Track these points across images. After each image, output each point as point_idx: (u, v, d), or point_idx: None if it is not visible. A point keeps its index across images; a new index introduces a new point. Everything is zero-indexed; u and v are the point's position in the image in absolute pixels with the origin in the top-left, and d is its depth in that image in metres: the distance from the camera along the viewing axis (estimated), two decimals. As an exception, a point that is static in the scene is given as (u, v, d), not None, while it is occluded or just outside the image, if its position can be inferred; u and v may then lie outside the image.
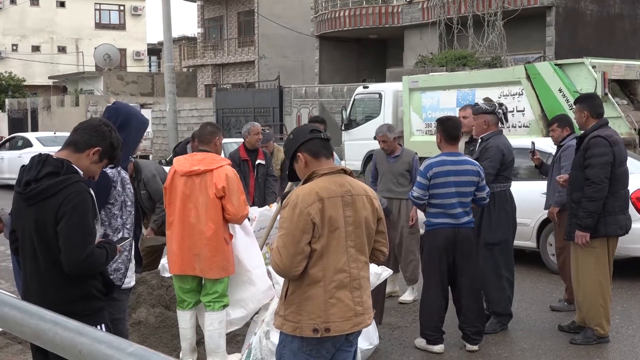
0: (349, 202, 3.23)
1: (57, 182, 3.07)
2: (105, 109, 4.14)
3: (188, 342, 5.21)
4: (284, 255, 3.14)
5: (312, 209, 3.14)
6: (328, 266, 3.19)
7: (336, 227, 3.19)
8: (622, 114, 11.47)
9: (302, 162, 3.32)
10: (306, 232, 3.14)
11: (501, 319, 6.06)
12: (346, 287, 3.21)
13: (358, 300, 3.24)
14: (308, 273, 3.18)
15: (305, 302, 3.18)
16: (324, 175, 3.26)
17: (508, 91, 13.01)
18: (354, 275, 3.24)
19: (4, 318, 2.28)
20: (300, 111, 22.38)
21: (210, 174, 4.92)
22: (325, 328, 3.16)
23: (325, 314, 3.17)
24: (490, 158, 5.90)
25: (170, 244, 5.09)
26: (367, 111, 16.62)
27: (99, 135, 3.26)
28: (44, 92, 41.80)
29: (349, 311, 3.20)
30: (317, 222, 3.14)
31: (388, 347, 5.65)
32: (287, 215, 3.17)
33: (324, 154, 3.33)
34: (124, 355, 1.86)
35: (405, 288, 7.16)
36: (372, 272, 5.20)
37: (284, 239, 3.16)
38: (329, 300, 3.17)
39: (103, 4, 49.39)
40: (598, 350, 5.58)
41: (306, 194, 3.18)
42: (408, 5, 26.49)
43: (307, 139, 3.33)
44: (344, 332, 3.21)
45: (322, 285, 3.18)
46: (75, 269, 3.08)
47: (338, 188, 3.24)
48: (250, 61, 36.03)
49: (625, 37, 23.47)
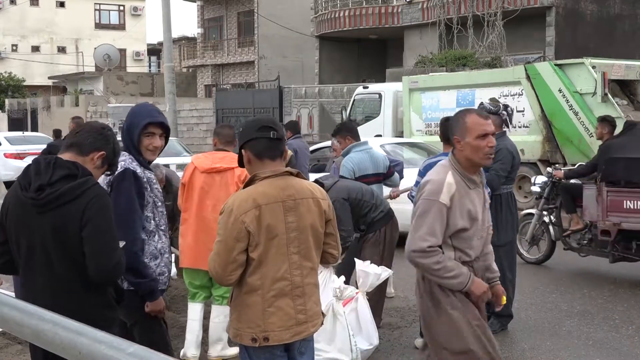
0: (291, 207, 3.09)
1: (76, 185, 2.90)
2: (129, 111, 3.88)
3: (195, 334, 5.25)
4: (218, 263, 3.03)
5: (247, 216, 2.99)
6: (267, 274, 3.06)
7: (275, 235, 3.05)
8: (622, 114, 11.46)
9: (246, 159, 3.18)
10: (240, 241, 3.00)
11: (501, 319, 6.06)
12: (287, 295, 3.09)
13: (300, 309, 3.12)
14: (246, 281, 3.07)
15: (244, 310, 3.09)
16: (266, 178, 3.09)
17: (508, 91, 13.02)
18: (297, 283, 3.12)
19: (4, 318, 2.28)
20: (300, 111, 22.37)
21: (232, 171, 5.02)
22: (263, 337, 3.05)
23: (264, 322, 3.06)
24: (501, 160, 5.87)
25: (186, 238, 5.16)
26: (367, 111, 16.61)
27: (104, 139, 3.13)
28: (43, 92, 41.79)
29: (290, 320, 3.09)
30: (252, 230, 3.00)
31: (388, 347, 5.65)
32: (222, 222, 3.03)
33: (269, 156, 3.14)
34: (124, 356, 1.86)
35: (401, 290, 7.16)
36: (372, 272, 5.21)
37: (218, 246, 3.04)
38: (268, 309, 3.06)
39: (103, 4, 49.38)
40: (598, 350, 5.57)
41: (243, 199, 3.03)
42: (408, 6, 26.48)
43: (252, 137, 3.15)
44: (284, 342, 3.09)
45: (260, 294, 3.06)
46: (105, 276, 2.96)
47: (279, 192, 3.08)
48: (250, 61, 36.03)
49: (625, 37, 23.46)
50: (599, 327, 6.17)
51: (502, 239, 5.97)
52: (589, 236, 7.88)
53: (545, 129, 12.50)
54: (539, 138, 12.59)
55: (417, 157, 10.83)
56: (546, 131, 12.49)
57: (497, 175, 5.81)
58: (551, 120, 12.39)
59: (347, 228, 5.52)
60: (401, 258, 8.05)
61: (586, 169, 8.14)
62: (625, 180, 7.33)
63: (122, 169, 3.52)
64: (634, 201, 7.22)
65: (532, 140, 12.64)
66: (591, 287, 7.54)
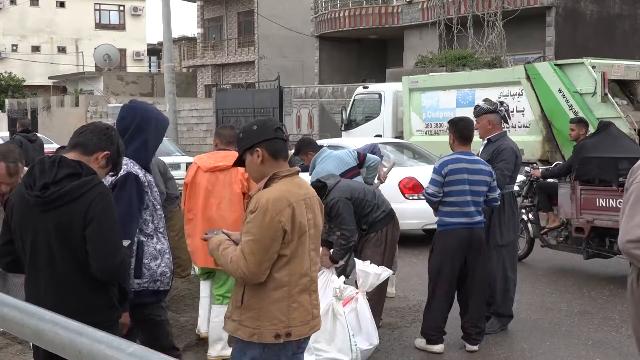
0: (309, 204, 3.16)
1: (81, 184, 2.90)
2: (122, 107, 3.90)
3: (206, 310, 5.52)
4: (251, 261, 3.01)
5: (284, 215, 3.02)
6: (294, 270, 3.09)
7: (304, 232, 3.10)
8: (622, 114, 11.48)
9: (259, 158, 3.16)
10: (276, 240, 3.02)
11: (502, 319, 6.05)
12: (306, 291, 3.15)
13: (315, 303, 3.21)
14: (273, 277, 3.07)
15: (268, 307, 3.07)
16: (285, 177, 3.14)
17: (508, 91, 13.02)
18: (314, 278, 3.20)
19: (4, 318, 2.28)
20: (300, 111, 22.37)
21: (235, 170, 5.02)
22: (286, 333, 3.07)
23: (288, 318, 3.08)
24: (506, 160, 5.88)
25: (194, 238, 5.21)
26: (367, 111, 16.61)
27: (108, 139, 3.12)
28: (43, 92, 41.76)
29: (308, 315, 3.15)
30: (288, 229, 3.03)
31: (388, 347, 5.65)
32: (257, 222, 3.02)
33: (283, 156, 3.21)
34: (124, 356, 1.86)
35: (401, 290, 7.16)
36: (372, 272, 5.21)
37: (251, 246, 3.01)
38: (292, 305, 3.09)
39: (103, 4, 49.37)
40: (598, 350, 5.58)
41: (276, 199, 3.04)
42: (408, 6, 26.48)
43: (272, 137, 3.17)
44: (303, 336, 3.15)
45: (287, 290, 3.08)
46: (110, 275, 2.95)
47: (300, 191, 3.15)
48: (250, 61, 36.03)
49: (625, 37, 23.46)
50: (599, 327, 6.17)
51: (505, 239, 5.97)
52: (565, 233, 8.07)
53: (545, 129, 12.50)
54: (539, 138, 12.59)
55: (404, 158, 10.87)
56: (546, 131, 12.49)
57: (503, 174, 5.82)
58: (551, 120, 12.39)
59: (350, 227, 5.54)
60: (401, 258, 8.07)
61: (562, 169, 8.35)
62: (598, 179, 7.53)
63: (125, 173, 3.53)
64: (606, 199, 7.41)
65: (532, 140, 12.64)
66: (591, 287, 7.55)
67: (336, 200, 5.52)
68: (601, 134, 8.13)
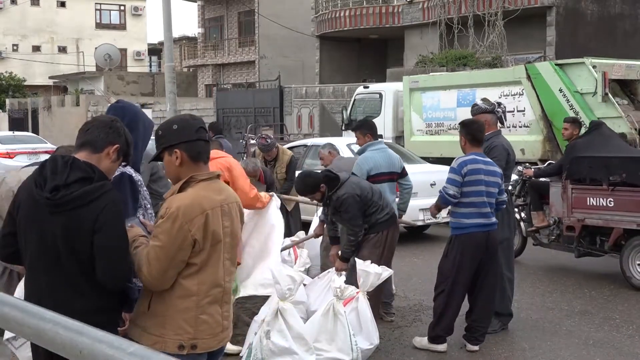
0: (226, 211, 2.96)
1: (92, 189, 2.85)
2: (109, 107, 3.86)
3: None
4: (155, 268, 2.83)
5: (194, 224, 2.83)
6: (205, 280, 2.91)
7: (218, 241, 2.92)
8: (623, 114, 11.48)
9: (177, 160, 2.97)
10: (183, 249, 2.84)
11: (501, 318, 6.06)
12: (217, 302, 2.96)
13: (226, 315, 3.01)
14: (180, 284, 2.89)
15: (173, 315, 2.88)
16: (203, 181, 2.96)
17: (508, 91, 13.01)
18: (227, 289, 3.01)
19: (4, 318, 2.28)
20: (300, 111, 22.39)
21: (215, 161, 5.15)
22: (192, 345, 2.88)
23: (195, 330, 2.89)
24: (497, 157, 5.89)
25: None
26: (367, 111, 16.59)
27: (115, 132, 3.06)
28: (44, 92, 41.80)
29: (218, 327, 2.96)
30: (198, 238, 2.85)
31: (388, 347, 5.65)
32: (165, 228, 2.83)
33: (203, 159, 3.01)
34: (124, 355, 1.86)
35: (401, 290, 7.16)
36: (373, 271, 5.22)
37: (157, 252, 2.83)
38: (200, 316, 2.90)
39: (103, 4, 49.39)
40: (598, 350, 5.58)
41: (188, 205, 2.85)
42: (408, 5, 26.47)
43: (193, 138, 2.98)
44: (211, 349, 2.95)
45: (195, 300, 2.89)
46: (120, 283, 2.91)
47: (218, 196, 2.95)
48: (251, 61, 36.03)
49: (626, 37, 23.46)
50: (600, 326, 6.17)
51: (500, 236, 5.98)
52: (556, 232, 8.15)
53: (545, 129, 12.50)
54: (540, 138, 12.58)
55: None
56: (547, 131, 12.48)
57: None
58: (552, 120, 12.38)
59: (357, 223, 5.57)
60: (401, 258, 8.07)
61: (554, 169, 8.39)
62: (589, 178, 7.61)
63: (119, 173, 3.51)
64: (596, 198, 7.51)
65: (532, 140, 12.63)
66: (591, 286, 7.55)
67: (347, 195, 5.56)
68: (592, 133, 8.18)
